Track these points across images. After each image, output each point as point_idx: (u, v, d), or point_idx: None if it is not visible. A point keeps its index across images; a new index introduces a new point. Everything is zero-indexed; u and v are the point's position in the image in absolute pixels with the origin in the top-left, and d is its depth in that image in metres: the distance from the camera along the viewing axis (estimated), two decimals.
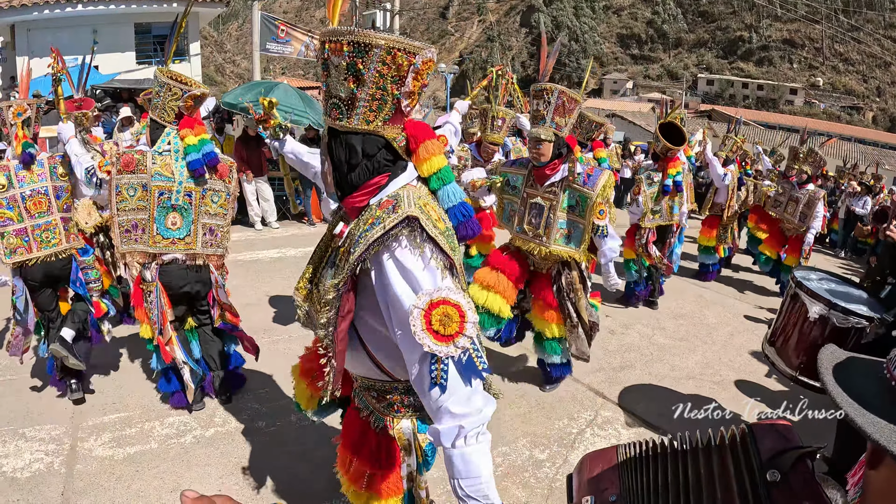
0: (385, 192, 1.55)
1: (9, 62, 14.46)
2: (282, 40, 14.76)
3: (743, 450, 0.86)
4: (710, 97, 60.22)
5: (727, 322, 6.20)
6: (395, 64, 1.43)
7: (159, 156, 3.30)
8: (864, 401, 0.72)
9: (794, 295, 3.32)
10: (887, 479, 0.69)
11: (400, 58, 1.42)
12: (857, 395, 0.74)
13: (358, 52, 1.41)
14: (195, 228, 3.43)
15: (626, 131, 23.72)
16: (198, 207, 3.41)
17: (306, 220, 10.14)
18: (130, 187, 3.29)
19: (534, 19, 71.69)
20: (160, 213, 3.32)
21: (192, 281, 3.51)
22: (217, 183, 3.46)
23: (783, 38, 64.90)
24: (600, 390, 4.35)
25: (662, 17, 71.17)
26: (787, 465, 0.81)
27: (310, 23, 61.21)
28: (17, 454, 3.21)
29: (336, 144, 1.54)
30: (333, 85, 1.48)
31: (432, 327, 1.34)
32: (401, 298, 1.41)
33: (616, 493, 0.99)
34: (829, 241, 12.52)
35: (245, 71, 58.05)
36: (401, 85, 1.46)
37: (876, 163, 17.13)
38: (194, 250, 3.46)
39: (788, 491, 0.80)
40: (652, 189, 5.92)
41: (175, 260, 3.44)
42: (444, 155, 1.61)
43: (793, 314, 3.32)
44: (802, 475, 0.81)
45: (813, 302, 3.17)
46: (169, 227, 3.36)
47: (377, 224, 1.45)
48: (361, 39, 1.40)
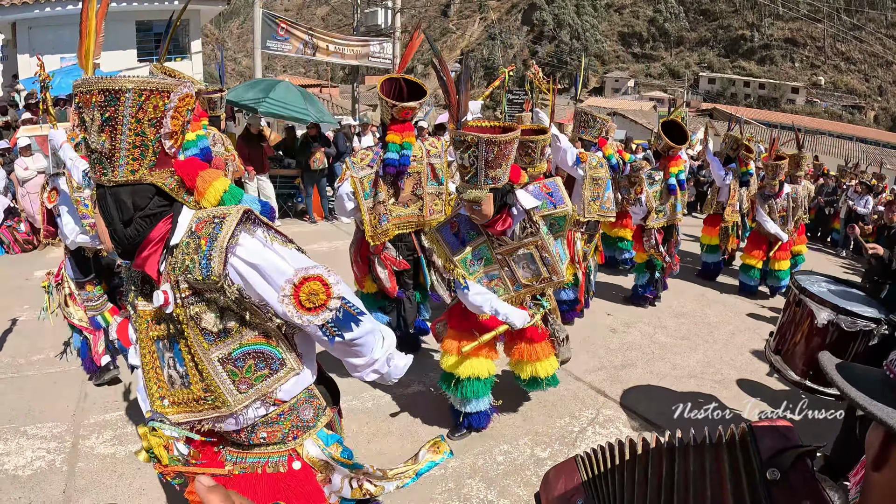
0: (180, 229, 1.51)
1: (10, 60, 14.48)
2: (281, 38, 14.78)
3: (743, 448, 0.87)
4: (711, 96, 60.16)
5: (729, 321, 6.20)
6: (150, 106, 1.38)
7: None
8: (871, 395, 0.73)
9: (798, 301, 3.28)
10: (891, 479, 0.69)
11: (153, 100, 1.38)
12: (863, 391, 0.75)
13: (109, 101, 1.35)
14: None
15: (627, 130, 23.67)
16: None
17: (308, 219, 10.15)
18: None
19: (535, 17, 71.65)
20: None
21: None
22: None
23: (785, 37, 64.81)
24: (602, 389, 4.35)
25: (664, 15, 71.07)
26: (787, 463, 0.82)
27: (311, 20, 61.23)
28: (19, 452, 3.21)
29: (106, 202, 1.47)
30: (92, 139, 1.40)
31: (304, 306, 1.53)
32: (268, 294, 1.52)
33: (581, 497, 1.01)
34: (830, 240, 12.51)
35: (246, 69, 58.07)
36: (159, 127, 1.42)
37: (880, 163, 17.09)
38: None
39: (788, 489, 0.80)
40: (654, 188, 5.92)
41: None
42: (222, 175, 1.61)
43: (799, 321, 3.28)
44: (802, 474, 0.81)
45: (820, 308, 3.13)
46: None
47: (215, 240, 1.44)
48: (110, 86, 1.34)
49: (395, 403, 3.95)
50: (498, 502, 3.02)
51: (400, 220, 4.10)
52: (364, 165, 3.92)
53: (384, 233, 4.03)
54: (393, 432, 3.57)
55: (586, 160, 5.25)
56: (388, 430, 3.57)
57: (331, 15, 77.64)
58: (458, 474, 3.21)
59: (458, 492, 3.07)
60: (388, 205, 4.01)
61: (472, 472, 3.24)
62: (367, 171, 3.91)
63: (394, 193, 4.01)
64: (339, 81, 41.63)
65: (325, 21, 71.02)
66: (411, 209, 4.12)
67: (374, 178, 3.91)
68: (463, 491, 3.08)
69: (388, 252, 4.12)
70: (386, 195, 3.97)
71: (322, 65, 33.84)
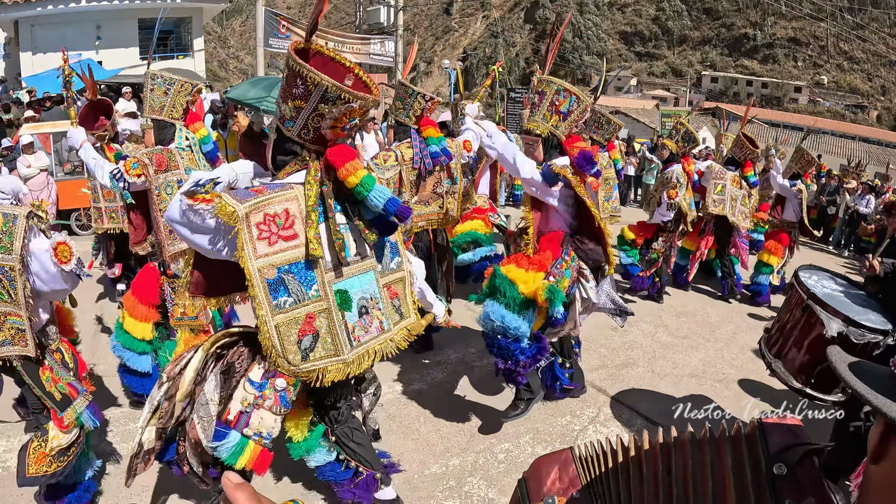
0: None
1: (13, 58, 14.50)
2: (283, 36, 14.80)
3: (750, 442, 0.87)
4: (714, 95, 60.02)
5: (730, 320, 6.20)
6: None
7: (185, 151, 3.33)
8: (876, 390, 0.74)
9: (805, 307, 3.18)
10: (888, 472, 0.70)
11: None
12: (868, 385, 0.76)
13: None
14: None
15: (629, 129, 23.66)
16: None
17: None
18: (168, 186, 3.29)
19: (538, 15, 71.55)
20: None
21: None
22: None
23: (788, 36, 64.62)
24: (603, 387, 4.36)
25: (667, 13, 70.91)
26: (793, 460, 0.82)
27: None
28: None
29: None
30: None
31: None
32: None
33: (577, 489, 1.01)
34: (830, 239, 12.51)
35: (248, 66, 58.04)
36: None
37: (886, 163, 17.03)
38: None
39: (794, 485, 0.81)
40: (682, 192, 5.91)
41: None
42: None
43: (804, 326, 3.18)
44: (809, 471, 0.82)
45: (831, 318, 3.02)
46: None
47: None
48: None
49: (396, 402, 3.96)
50: (498, 500, 3.03)
51: (421, 218, 4.17)
52: (388, 167, 3.95)
53: (408, 230, 4.10)
54: (394, 430, 3.58)
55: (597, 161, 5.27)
56: (388, 429, 3.58)
57: (333, 13, 77.57)
58: (459, 472, 3.22)
59: (459, 490, 3.08)
60: (411, 203, 4.05)
61: (472, 470, 3.25)
62: (392, 171, 3.91)
63: (416, 192, 4.04)
64: None
65: (328, 19, 70.96)
66: (432, 207, 4.19)
67: (398, 178, 3.94)
68: (464, 489, 3.09)
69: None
70: (409, 194, 4.01)
71: None
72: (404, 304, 2.49)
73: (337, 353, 2.19)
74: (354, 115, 2.10)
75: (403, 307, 2.48)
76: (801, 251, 7.56)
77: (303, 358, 2.12)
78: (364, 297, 2.28)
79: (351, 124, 2.14)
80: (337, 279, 2.19)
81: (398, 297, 2.46)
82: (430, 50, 72.97)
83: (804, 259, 7.79)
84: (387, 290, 2.39)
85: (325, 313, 2.15)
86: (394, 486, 3.00)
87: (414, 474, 3.18)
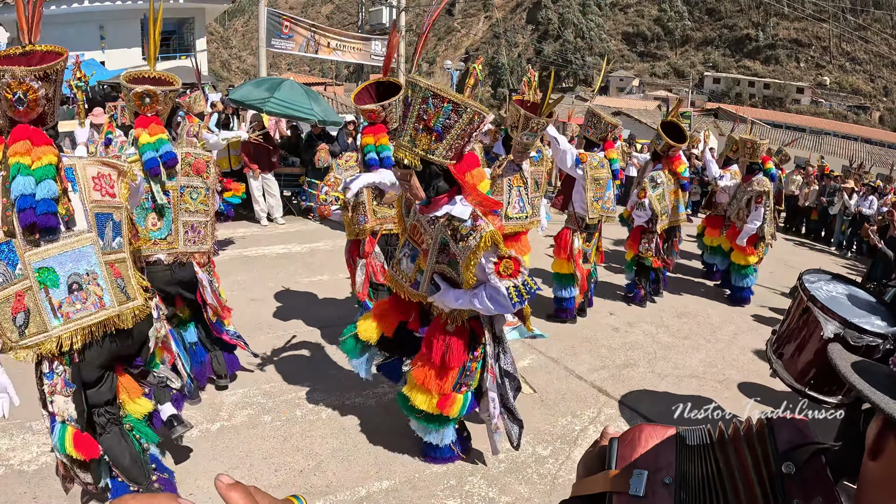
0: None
1: None
2: (285, 36, 14.80)
3: (760, 440, 0.87)
4: (716, 95, 59.97)
5: (731, 321, 6.20)
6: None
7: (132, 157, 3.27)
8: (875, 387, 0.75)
9: (805, 308, 3.22)
10: (886, 468, 0.71)
11: None
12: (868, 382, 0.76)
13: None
14: (176, 227, 3.40)
15: (631, 129, 23.63)
16: (177, 206, 3.38)
17: (312, 217, 10.17)
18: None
19: (540, 16, 71.54)
20: (139, 214, 3.26)
21: (176, 282, 3.47)
22: (195, 179, 3.44)
23: (790, 37, 64.58)
24: (603, 388, 4.36)
25: (669, 14, 70.89)
26: (802, 459, 0.82)
27: (315, 19, 61.16)
28: (25, 447, 3.24)
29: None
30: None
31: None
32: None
33: (671, 475, 0.95)
34: (832, 241, 12.49)
35: (251, 67, 58.11)
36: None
37: (890, 164, 17.01)
38: (177, 249, 3.42)
39: (802, 484, 0.81)
40: (657, 192, 5.91)
41: (158, 261, 3.39)
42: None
43: (803, 327, 3.22)
44: (816, 470, 0.82)
45: (827, 320, 3.05)
46: (150, 228, 3.32)
47: None
48: None
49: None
50: (499, 500, 3.03)
51: (384, 221, 4.21)
52: (348, 167, 4.12)
53: (363, 231, 4.17)
54: (394, 429, 3.59)
55: (586, 161, 5.25)
56: (389, 427, 3.59)
57: (335, 13, 77.66)
58: (459, 471, 3.23)
59: (459, 489, 3.09)
60: (373, 205, 4.12)
61: (473, 469, 3.26)
62: (349, 172, 4.01)
63: (378, 194, 4.07)
64: (344, 80, 41.62)
65: (330, 19, 71.01)
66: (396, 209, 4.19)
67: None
68: (465, 488, 3.10)
69: (374, 259, 4.20)
70: (369, 196, 4.07)
71: (326, 63, 33.82)
72: (129, 286, 2.53)
73: (46, 329, 2.30)
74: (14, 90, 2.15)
75: (129, 288, 2.53)
76: (804, 254, 7.56)
77: (20, 335, 2.26)
78: (77, 273, 2.34)
79: (15, 99, 2.18)
80: (39, 257, 2.26)
81: (122, 278, 2.51)
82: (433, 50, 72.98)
83: (808, 262, 7.79)
84: (110, 267, 2.44)
85: (30, 291, 2.26)
86: (395, 484, 3.02)
87: (414, 473, 3.19)
